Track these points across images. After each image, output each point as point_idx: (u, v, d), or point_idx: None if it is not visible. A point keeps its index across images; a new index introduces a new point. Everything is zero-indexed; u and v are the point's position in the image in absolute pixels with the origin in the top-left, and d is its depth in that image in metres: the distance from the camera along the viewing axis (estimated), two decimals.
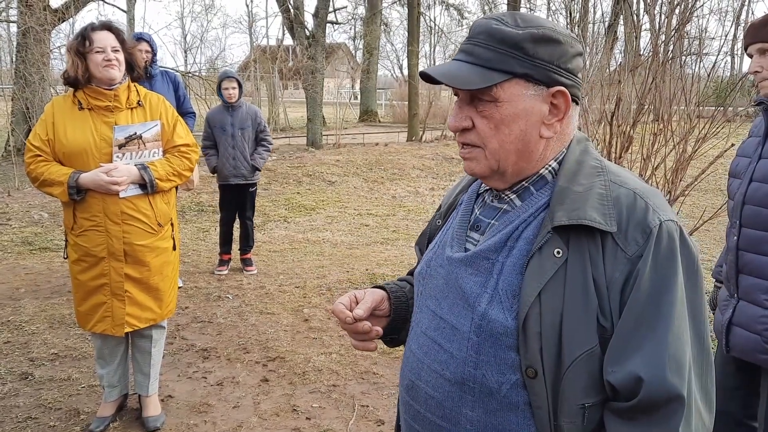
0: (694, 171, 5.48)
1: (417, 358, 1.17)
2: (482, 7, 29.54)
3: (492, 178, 1.12)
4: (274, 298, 4.96)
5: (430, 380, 1.13)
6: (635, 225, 1.00)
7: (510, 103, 1.05)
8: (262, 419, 3.17)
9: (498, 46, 1.04)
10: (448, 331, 1.11)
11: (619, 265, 0.99)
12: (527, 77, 1.04)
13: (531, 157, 1.09)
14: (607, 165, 1.10)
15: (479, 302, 1.06)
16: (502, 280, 1.05)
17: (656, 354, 0.96)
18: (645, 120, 4.99)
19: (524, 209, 1.09)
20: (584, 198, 1.03)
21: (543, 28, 1.05)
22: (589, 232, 1.01)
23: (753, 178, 2.10)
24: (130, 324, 2.86)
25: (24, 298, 4.80)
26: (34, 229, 6.91)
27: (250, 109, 5.61)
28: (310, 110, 15.50)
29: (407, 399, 1.19)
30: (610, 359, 0.98)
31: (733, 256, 2.14)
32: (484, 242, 1.11)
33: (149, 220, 2.82)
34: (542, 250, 1.02)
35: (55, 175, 2.70)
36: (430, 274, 1.20)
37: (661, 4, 5.30)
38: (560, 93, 1.06)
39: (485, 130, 1.07)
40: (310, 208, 8.77)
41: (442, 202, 1.36)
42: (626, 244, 0.99)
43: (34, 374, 3.55)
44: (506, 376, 1.03)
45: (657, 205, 1.03)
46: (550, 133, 1.08)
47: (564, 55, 1.06)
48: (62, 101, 2.80)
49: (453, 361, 1.09)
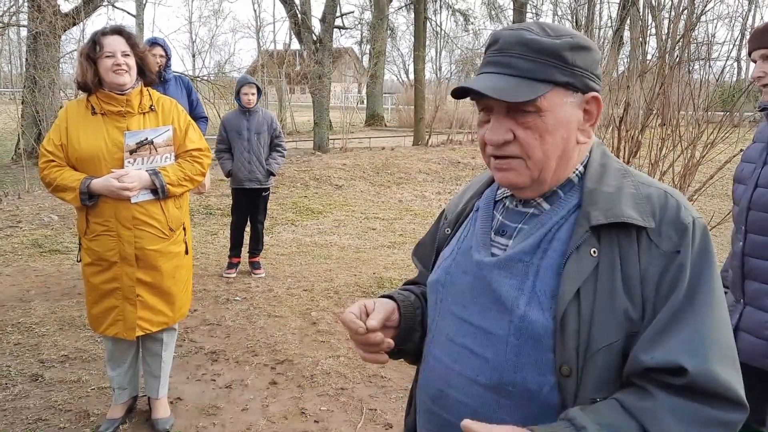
0: (702, 176, 5.47)
1: (445, 366, 1.15)
2: (489, 12, 29.58)
3: (529, 188, 1.12)
4: (283, 301, 4.99)
5: (462, 387, 1.12)
6: (669, 222, 1.04)
7: (552, 113, 1.06)
8: (271, 422, 3.18)
9: (537, 56, 1.05)
10: (481, 336, 1.10)
11: (654, 260, 1.02)
12: (567, 85, 1.06)
13: (569, 164, 1.11)
14: (629, 168, 1.15)
15: (517, 305, 1.06)
16: (539, 281, 1.06)
17: (700, 342, 0.98)
18: (653, 125, 5.00)
19: (555, 212, 1.11)
20: (617, 198, 1.06)
21: (576, 36, 1.07)
22: (623, 230, 1.04)
23: (758, 183, 2.11)
24: (142, 327, 2.88)
25: (34, 300, 4.84)
26: (44, 232, 6.96)
27: (266, 114, 5.65)
28: (317, 114, 15.55)
29: (434, 408, 1.17)
30: (647, 346, 0.99)
31: (738, 261, 2.14)
32: (516, 245, 1.11)
33: (161, 225, 2.84)
34: (579, 250, 1.04)
35: (68, 181, 2.72)
36: (452, 281, 1.19)
37: (670, 9, 5.31)
38: (594, 99, 1.09)
39: (530, 141, 1.06)
40: (317, 211, 8.80)
41: (447, 211, 1.35)
42: (660, 240, 1.03)
43: (45, 376, 3.58)
44: (546, 377, 1.04)
45: (686, 204, 1.08)
46: (585, 138, 1.11)
47: (594, 62, 1.09)
48: (76, 106, 2.83)
49: (488, 366, 1.08)
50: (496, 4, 30.07)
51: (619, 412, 0.97)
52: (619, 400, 0.99)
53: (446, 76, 35.76)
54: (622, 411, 0.97)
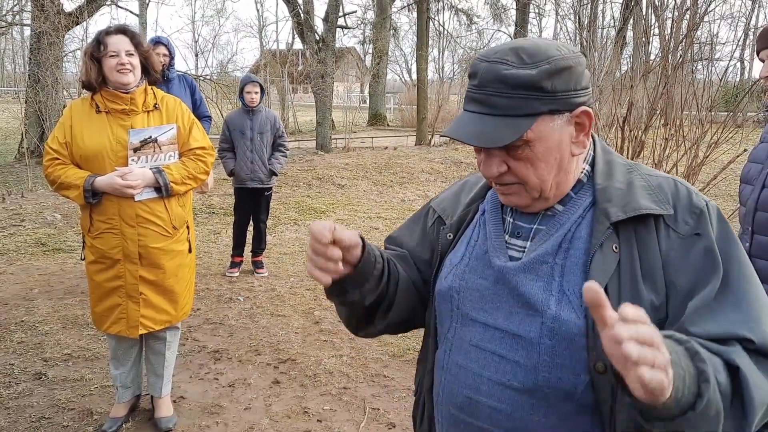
0: (706, 176, 5.47)
1: (472, 373, 1.14)
2: (491, 12, 29.57)
3: (533, 206, 1.14)
4: (285, 300, 4.99)
5: (494, 393, 1.11)
6: (683, 208, 1.07)
7: (541, 141, 1.06)
8: (274, 421, 3.19)
9: (516, 92, 1.03)
10: (509, 340, 1.10)
11: (674, 245, 1.05)
12: (552, 112, 1.05)
13: (569, 176, 1.12)
14: (633, 162, 1.18)
15: (548, 306, 1.06)
16: (566, 280, 1.07)
17: (756, 314, 1.00)
18: (656, 125, 4.99)
19: (571, 211, 1.12)
20: (630, 192, 1.09)
21: (552, 59, 1.04)
22: (641, 222, 1.06)
23: (765, 184, 2.09)
24: (145, 326, 2.88)
25: (37, 298, 4.85)
26: (47, 231, 6.97)
27: (269, 114, 5.65)
28: (320, 114, 15.56)
29: (462, 417, 1.16)
30: (697, 326, 0.98)
31: None
32: (537, 247, 1.11)
33: (164, 223, 2.85)
34: (603, 247, 1.05)
35: (72, 179, 2.73)
36: (467, 287, 1.17)
37: (673, 9, 5.30)
38: (583, 113, 1.08)
39: (522, 171, 1.08)
40: (320, 211, 8.80)
41: (438, 210, 1.32)
42: (677, 225, 1.06)
43: (48, 374, 3.59)
44: (581, 377, 1.04)
45: (695, 191, 1.12)
46: (580, 149, 1.11)
47: (578, 78, 1.07)
48: (80, 104, 2.83)
49: (521, 369, 1.08)
50: (499, 4, 30.05)
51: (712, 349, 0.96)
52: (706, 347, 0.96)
53: (449, 76, 35.78)
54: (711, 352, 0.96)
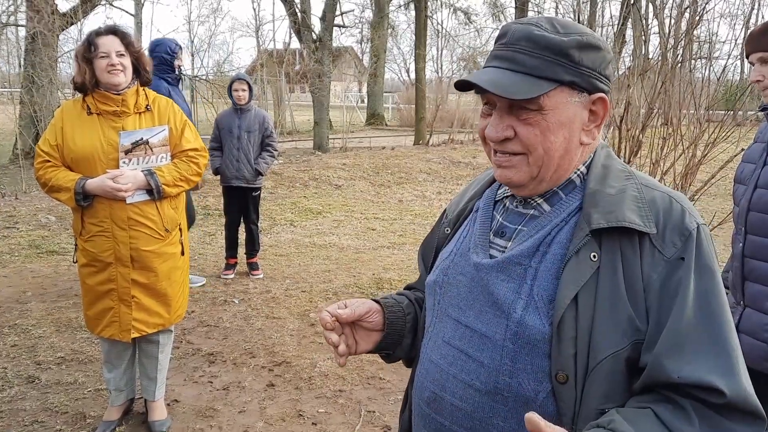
0: (704, 175, 5.45)
1: (440, 369, 1.13)
2: (490, 10, 29.54)
3: (527, 187, 1.10)
4: (281, 302, 4.96)
5: (457, 391, 1.09)
6: (672, 228, 1.01)
7: (555, 111, 1.03)
8: (268, 424, 3.16)
9: (543, 53, 1.02)
10: (477, 339, 1.08)
11: (657, 267, 0.99)
12: (573, 85, 1.03)
13: (569, 165, 1.09)
14: (633, 170, 1.12)
15: (514, 309, 1.04)
16: (537, 285, 1.03)
17: (728, 361, 0.96)
18: (654, 124, 4.97)
19: (555, 214, 1.08)
20: (619, 200, 1.03)
21: (586, 34, 1.04)
22: (625, 234, 1.01)
23: (758, 184, 2.08)
24: (138, 329, 2.85)
25: (31, 301, 4.81)
26: (41, 233, 6.93)
27: (258, 113, 5.63)
28: (317, 114, 15.53)
29: (428, 411, 1.15)
30: (671, 359, 0.96)
31: (738, 263, 2.12)
32: (514, 248, 1.08)
33: (156, 226, 2.82)
34: (579, 254, 1.01)
35: (63, 181, 2.70)
36: (449, 282, 1.16)
37: (671, 8, 5.28)
38: (600, 100, 1.06)
39: (530, 138, 1.04)
40: (316, 211, 8.77)
41: (448, 210, 1.32)
42: (663, 246, 1.00)
43: (41, 378, 3.55)
44: (542, 384, 1.01)
45: (690, 209, 1.05)
46: (589, 139, 1.08)
47: (604, 62, 1.06)
48: (72, 106, 2.81)
49: (484, 370, 1.06)
50: (498, 3, 30.02)
51: (658, 426, 0.94)
52: (656, 413, 0.95)
53: (447, 75, 35.74)
54: (661, 426, 0.94)
